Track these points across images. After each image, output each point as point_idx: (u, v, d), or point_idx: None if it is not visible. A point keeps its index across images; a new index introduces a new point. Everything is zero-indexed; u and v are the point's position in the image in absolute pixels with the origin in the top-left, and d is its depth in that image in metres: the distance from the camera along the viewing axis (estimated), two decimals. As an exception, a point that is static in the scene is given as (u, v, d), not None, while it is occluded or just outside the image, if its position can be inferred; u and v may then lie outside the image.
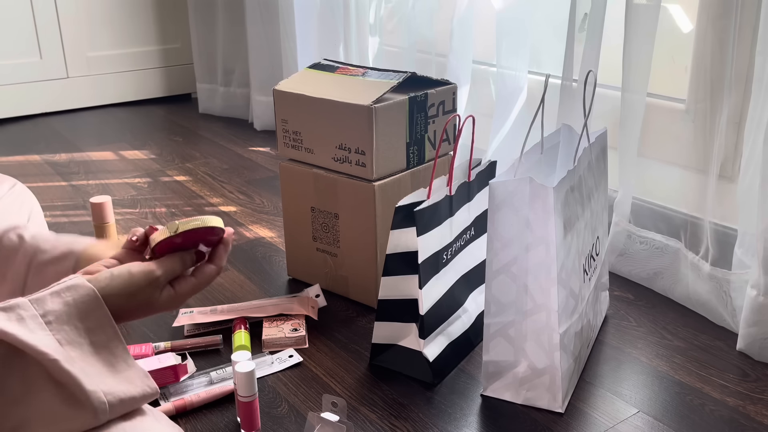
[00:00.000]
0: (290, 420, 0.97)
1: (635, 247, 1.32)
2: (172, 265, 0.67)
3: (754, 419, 0.96)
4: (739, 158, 1.19)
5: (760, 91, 1.06)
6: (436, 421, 0.96)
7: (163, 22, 2.66)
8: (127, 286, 0.63)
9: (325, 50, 2.02)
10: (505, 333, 0.98)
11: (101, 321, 0.59)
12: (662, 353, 1.11)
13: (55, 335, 0.56)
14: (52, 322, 0.57)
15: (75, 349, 0.57)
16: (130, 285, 0.63)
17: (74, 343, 0.57)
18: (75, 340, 0.57)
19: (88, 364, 0.57)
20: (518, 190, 0.91)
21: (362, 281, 1.23)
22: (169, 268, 0.67)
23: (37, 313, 0.57)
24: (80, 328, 0.58)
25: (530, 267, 0.94)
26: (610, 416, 0.97)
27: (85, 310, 0.59)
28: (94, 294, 0.60)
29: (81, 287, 0.60)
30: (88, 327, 0.58)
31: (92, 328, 0.59)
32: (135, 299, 0.63)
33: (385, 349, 1.07)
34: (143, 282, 0.64)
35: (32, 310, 0.57)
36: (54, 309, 0.57)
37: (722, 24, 1.15)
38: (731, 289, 1.15)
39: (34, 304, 0.57)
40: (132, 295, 0.63)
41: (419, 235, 0.96)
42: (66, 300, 0.58)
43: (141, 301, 0.64)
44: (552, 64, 1.55)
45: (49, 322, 0.57)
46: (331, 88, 1.20)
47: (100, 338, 0.59)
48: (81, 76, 2.56)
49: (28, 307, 0.57)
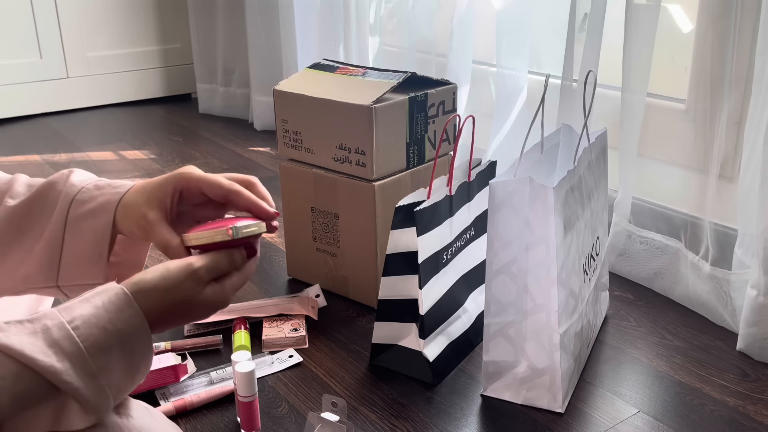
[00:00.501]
0: (290, 420, 0.97)
1: (635, 247, 1.32)
2: (216, 262, 0.62)
3: (754, 419, 0.96)
4: (739, 158, 1.19)
5: (760, 91, 1.06)
6: (436, 421, 0.96)
7: (163, 22, 2.66)
8: (162, 280, 0.58)
9: (325, 50, 2.02)
10: (505, 333, 0.98)
11: (132, 321, 0.56)
12: (662, 353, 1.11)
13: (83, 342, 0.53)
14: (80, 327, 0.54)
15: (101, 356, 0.54)
16: (166, 278, 0.58)
17: (102, 348, 0.54)
18: (103, 344, 0.54)
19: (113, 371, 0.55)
20: (518, 190, 0.91)
21: (362, 281, 1.23)
22: (212, 264, 0.61)
23: (64, 320, 0.54)
24: (110, 330, 0.55)
25: (530, 267, 0.94)
26: (610, 416, 0.97)
27: (114, 310, 0.56)
28: (123, 293, 0.57)
29: (110, 289, 0.57)
30: (117, 328, 0.55)
31: (122, 328, 0.56)
32: (172, 295, 0.59)
33: (385, 349, 1.07)
34: (182, 275, 0.59)
35: (59, 317, 0.54)
36: (81, 314, 0.55)
37: (722, 24, 1.15)
38: (731, 289, 1.15)
39: (62, 312, 0.55)
40: (169, 291, 0.58)
41: (419, 235, 0.96)
42: (95, 303, 0.56)
43: (180, 297, 0.59)
44: (552, 64, 1.55)
45: (76, 327, 0.54)
46: (331, 88, 1.20)
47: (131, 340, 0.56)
48: (81, 76, 2.56)
49: (55, 315, 0.54)
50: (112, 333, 0.55)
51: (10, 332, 0.52)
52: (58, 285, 0.70)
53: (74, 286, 0.70)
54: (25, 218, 0.70)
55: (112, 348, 0.55)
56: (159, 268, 0.59)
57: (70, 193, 0.70)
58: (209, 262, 0.61)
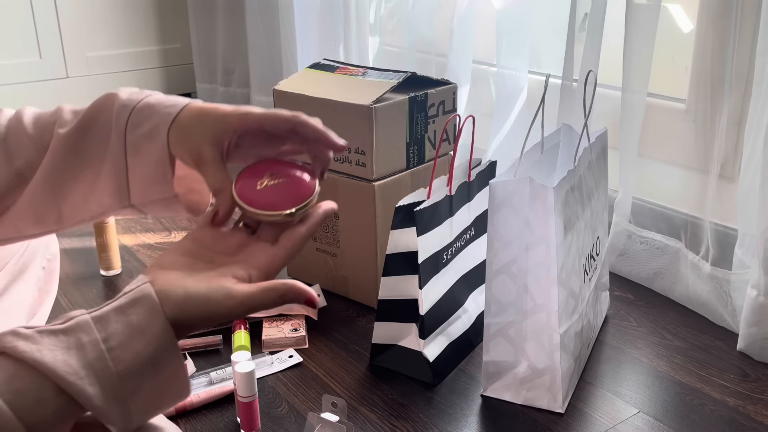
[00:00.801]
0: (290, 420, 0.97)
1: (635, 247, 1.32)
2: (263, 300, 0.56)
3: (755, 419, 0.96)
4: (739, 158, 1.19)
5: (760, 91, 1.06)
6: (436, 421, 0.96)
7: (162, 22, 2.66)
8: (201, 312, 0.55)
9: (325, 50, 2.02)
10: (506, 333, 0.97)
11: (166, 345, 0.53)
12: (662, 353, 1.11)
13: (116, 366, 0.51)
14: (115, 349, 0.52)
15: (133, 380, 0.52)
16: (205, 312, 0.55)
17: (135, 373, 0.52)
18: (136, 369, 0.52)
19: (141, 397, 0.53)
20: (518, 190, 0.91)
21: (362, 281, 1.23)
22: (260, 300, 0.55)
23: (99, 337, 0.52)
24: (143, 355, 0.52)
25: (530, 267, 0.94)
26: (611, 416, 0.97)
27: (150, 333, 0.53)
28: (160, 314, 0.53)
29: (147, 303, 0.53)
30: (152, 353, 0.53)
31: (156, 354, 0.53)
32: (212, 317, 0.55)
33: (385, 350, 1.07)
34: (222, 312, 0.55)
35: (94, 333, 0.52)
36: (117, 331, 0.52)
37: (723, 24, 1.15)
38: (731, 289, 1.15)
39: (97, 324, 0.52)
40: (207, 321, 0.55)
41: (419, 235, 0.96)
42: (130, 320, 0.53)
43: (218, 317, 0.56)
44: (552, 64, 1.55)
45: (111, 349, 0.52)
46: (331, 88, 1.20)
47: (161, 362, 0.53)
48: (81, 76, 2.56)
49: (90, 329, 0.52)
50: (146, 359, 0.53)
51: (43, 346, 0.51)
52: (132, 204, 0.67)
53: (148, 203, 0.67)
54: (80, 145, 0.67)
55: (144, 373, 0.53)
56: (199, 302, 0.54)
57: (123, 116, 0.66)
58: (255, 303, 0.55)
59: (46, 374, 0.49)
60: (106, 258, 1.36)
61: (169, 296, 0.54)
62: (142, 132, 0.65)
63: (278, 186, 0.62)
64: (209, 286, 0.55)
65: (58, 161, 0.67)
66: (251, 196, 0.61)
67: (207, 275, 0.56)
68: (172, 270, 0.57)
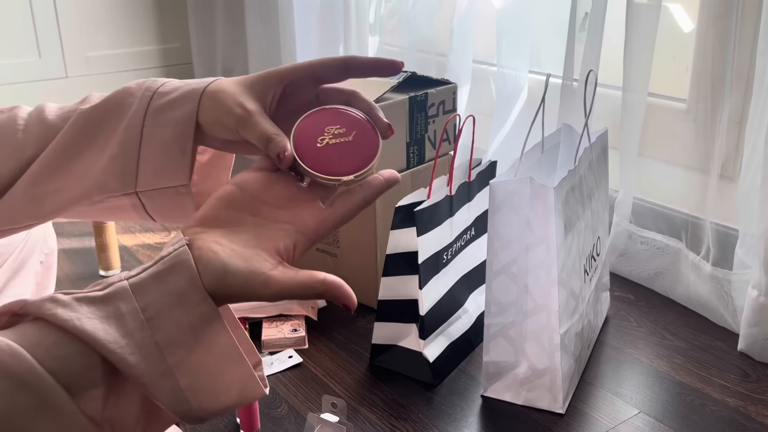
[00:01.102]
0: (290, 421, 0.96)
1: (636, 247, 1.32)
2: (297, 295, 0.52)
3: (755, 420, 0.96)
4: (740, 158, 1.19)
5: (761, 91, 1.05)
6: (436, 421, 0.96)
7: (162, 22, 2.66)
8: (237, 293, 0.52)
9: (325, 49, 2.02)
10: (506, 333, 0.97)
11: (207, 316, 0.51)
12: (663, 354, 1.11)
13: (156, 335, 0.49)
14: (153, 318, 0.50)
15: (175, 351, 0.50)
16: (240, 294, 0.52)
17: (175, 343, 0.50)
18: (177, 339, 0.50)
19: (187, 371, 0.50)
20: (519, 190, 0.91)
21: (362, 281, 1.23)
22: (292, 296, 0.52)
23: (138, 306, 0.50)
24: (183, 325, 0.50)
25: (531, 267, 0.93)
26: (611, 417, 0.97)
27: (189, 302, 0.51)
28: (198, 285, 0.51)
29: (185, 270, 0.51)
30: (192, 323, 0.51)
31: (197, 324, 0.51)
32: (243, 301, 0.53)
33: (385, 350, 1.07)
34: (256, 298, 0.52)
35: (133, 302, 0.50)
36: (155, 300, 0.50)
37: (723, 23, 1.15)
38: (732, 289, 1.15)
39: (136, 293, 0.50)
40: (240, 301, 0.53)
41: (419, 235, 0.96)
42: (169, 288, 0.50)
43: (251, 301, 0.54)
44: (552, 63, 1.54)
45: (150, 318, 0.50)
46: (331, 88, 1.20)
47: (207, 336, 0.51)
48: (80, 76, 2.56)
49: (128, 298, 0.50)
50: (186, 328, 0.50)
51: (82, 314, 0.49)
52: (137, 191, 0.63)
53: (154, 191, 0.62)
54: (96, 119, 0.63)
55: (185, 344, 0.50)
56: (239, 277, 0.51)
57: (152, 87, 0.62)
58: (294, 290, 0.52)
59: (88, 342, 0.48)
60: (105, 258, 1.36)
61: (207, 268, 0.51)
62: (168, 99, 0.60)
63: (340, 146, 0.56)
64: (248, 267, 0.51)
65: (71, 136, 0.63)
66: (310, 153, 0.56)
67: (250, 247, 0.52)
68: (213, 228, 0.53)
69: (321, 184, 0.56)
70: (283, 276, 0.52)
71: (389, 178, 0.58)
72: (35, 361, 0.47)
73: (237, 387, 0.53)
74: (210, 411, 0.52)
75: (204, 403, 0.52)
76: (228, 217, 0.55)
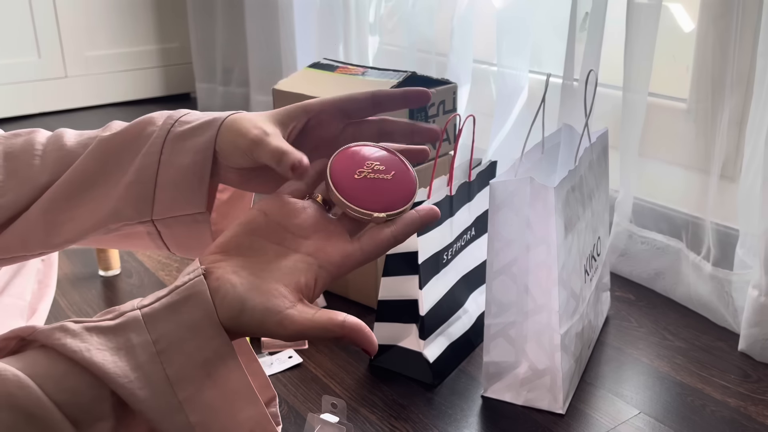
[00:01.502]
0: (290, 421, 0.96)
1: (636, 247, 1.32)
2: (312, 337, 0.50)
3: (756, 420, 0.96)
4: (740, 158, 1.18)
5: (761, 91, 1.05)
6: (436, 422, 0.96)
7: (162, 21, 2.66)
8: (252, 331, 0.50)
9: (325, 49, 2.02)
10: (506, 334, 0.97)
11: (220, 351, 0.49)
12: (663, 354, 1.11)
13: (167, 369, 0.48)
14: (165, 351, 0.48)
15: (186, 387, 0.48)
16: (255, 331, 0.50)
17: (187, 378, 0.48)
18: (188, 374, 0.48)
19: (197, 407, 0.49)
20: (519, 190, 0.91)
21: (362, 282, 1.23)
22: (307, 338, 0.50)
23: (150, 339, 0.48)
24: (196, 359, 0.49)
25: (531, 267, 0.93)
26: (611, 417, 0.96)
27: (203, 336, 0.49)
28: (213, 318, 0.49)
29: (200, 303, 0.49)
30: (205, 358, 0.49)
31: (210, 358, 0.49)
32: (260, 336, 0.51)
33: (385, 350, 1.07)
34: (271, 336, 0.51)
35: (145, 334, 0.48)
36: (168, 332, 0.48)
37: (724, 23, 1.14)
38: (733, 289, 1.15)
39: (148, 324, 0.48)
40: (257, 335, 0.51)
41: (419, 235, 0.96)
42: (183, 320, 0.49)
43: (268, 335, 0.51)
44: (553, 63, 1.54)
45: (162, 351, 0.48)
46: (331, 88, 1.20)
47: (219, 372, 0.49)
48: (80, 76, 2.56)
49: (140, 329, 0.48)
50: (198, 363, 0.49)
51: (91, 345, 0.48)
52: (153, 219, 0.61)
53: (172, 218, 0.61)
54: (115, 147, 0.61)
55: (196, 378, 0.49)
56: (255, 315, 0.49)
57: (174, 115, 0.61)
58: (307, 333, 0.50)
59: (97, 375, 0.47)
60: (104, 258, 1.36)
61: (225, 301, 0.49)
62: (189, 127, 0.59)
63: (378, 182, 0.55)
64: (266, 305, 0.49)
65: (88, 163, 0.61)
66: (346, 183, 0.54)
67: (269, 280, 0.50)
68: (233, 256, 0.52)
69: (351, 217, 0.54)
70: (300, 317, 0.50)
71: (425, 216, 0.56)
72: (43, 394, 0.46)
73: (248, 425, 0.51)
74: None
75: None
76: (250, 244, 0.53)
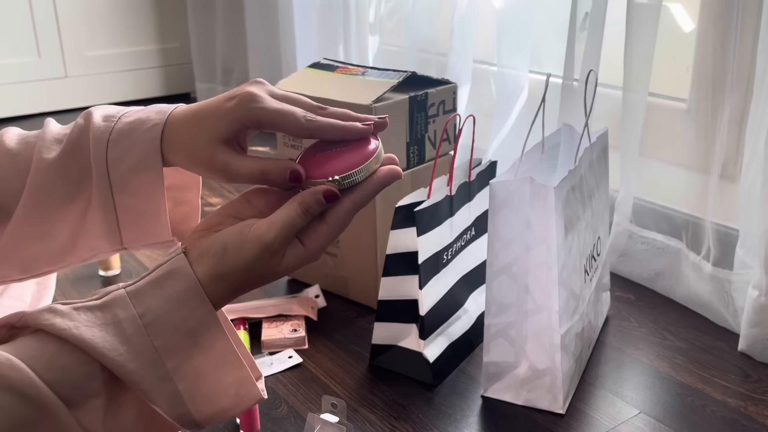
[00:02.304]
0: (290, 421, 0.96)
1: (636, 247, 1.32)
2: (289, 224, 0.53)
3: (756, 420, 0.96)
4: (740, 158, 1.18)
5: (761, 91, 1.05)
6: (436, 422, 0.96)
7: (162, 22, 2.66)
8: (238, 262, 0.52)
9: (325, 49, 2.02)
10: (506, 334, 0.97)
11: (205, 320, 0.52)
12: (663, 354, 1.11)
13: (154, 340, 0.50)
14: (152, 324, 0.50)
15: (174, 356, 0.50)
16: (241, 259, 0.52)
17: (174, 348, 0.51)
18: (175, 344, 0.51)
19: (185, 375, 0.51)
20: (519, 190, 0.91)
21: (362, 282, 1.23)
22: (285, 230, 0.52)
23: (135, 312, 0.50)
24: (182, 330, 0.51)
25: (531, 267, 0.93)
26: (611, 417, 0.96)
27: (187, 306, 0.51)
28: (197, 288, 0.51)
29: (182, 276, 0.51)
30: (190, 328, 0.51)
31: (195, 328, 0.51)
32: (252, 273, 0.53)
33: (385, 350, 1.07)
34: (257, 253, 0.52)
35: (131, 308, 0.50)
36: (153, 306, 0.51)
37: (724, 23, 1.14)
38: (733, 289, 1.15)
39: (133, 299, 0.51)
40: (248, 270, 0.52)
41: (419, 235, 0.96)
42: (167, 294, 0.51)
43: (260, 272, 0.53)
44: (553, 63, 1.54)
45: (148, 324, 0.50)
46: (331, 88, 1.20)
47: (205, 340, 0.52)
48: (80, 76, 2.56)
49: (126, 305, 0.50)
50: (184, 333, 0.51)
51: (80, 322, 0.49)
52: (125, 248, 0.64)
53: (143, 246, 0.64)
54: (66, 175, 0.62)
55: (184, 349, 0.51)
56: (233, 248, 0.52)
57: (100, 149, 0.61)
58: (280, 228, 0.52)
59: (86, 351, 0.48)
60: (104, 258, 1.36)
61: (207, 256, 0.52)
62: (126, 167, 0.60)
63: (336, 153, 0.56)
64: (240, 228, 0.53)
65: (42, 192, 0.62)
66: (307, 162, 0.56)
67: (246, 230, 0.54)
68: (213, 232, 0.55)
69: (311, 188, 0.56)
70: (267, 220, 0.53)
71: (384, 177, 0.58)
72: (34, 375, 0.47)
73: (234, 389, 0.53)
74: (207, 414, 0.52)
75: (201, 406, 0.52)
76: (231, 224, 0.55)
